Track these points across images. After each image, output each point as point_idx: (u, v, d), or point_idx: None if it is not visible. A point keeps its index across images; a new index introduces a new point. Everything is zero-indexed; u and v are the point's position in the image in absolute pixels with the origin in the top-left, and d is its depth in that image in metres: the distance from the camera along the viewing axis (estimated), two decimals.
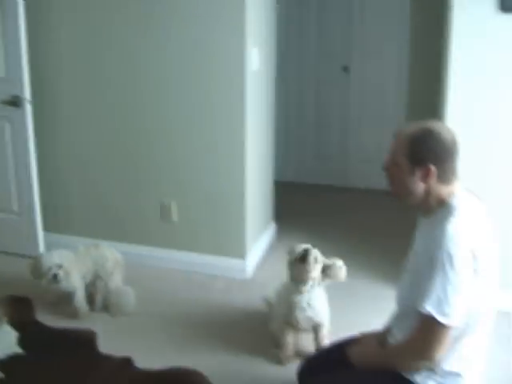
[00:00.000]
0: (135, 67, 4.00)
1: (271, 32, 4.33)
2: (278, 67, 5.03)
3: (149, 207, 4.21)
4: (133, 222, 4.30)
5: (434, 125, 2.29)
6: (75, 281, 3.64)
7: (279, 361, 3.16)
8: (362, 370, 2.49)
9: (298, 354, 3.19)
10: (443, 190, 2.28)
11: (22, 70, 4.02)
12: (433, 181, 2.26)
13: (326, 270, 3.11)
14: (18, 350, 3.25)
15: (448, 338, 2.20)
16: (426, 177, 2.25)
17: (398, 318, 2.43)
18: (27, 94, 4.07)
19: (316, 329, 3.17)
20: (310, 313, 3.09)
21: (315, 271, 3.05)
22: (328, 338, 3.17)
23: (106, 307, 3.72)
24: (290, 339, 3.16)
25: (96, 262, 3.72)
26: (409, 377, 2.33)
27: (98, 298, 3.74)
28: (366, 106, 5.65)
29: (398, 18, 5.37)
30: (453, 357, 2.29)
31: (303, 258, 3.02)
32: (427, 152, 2.24)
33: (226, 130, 3.88)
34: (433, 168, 2.23)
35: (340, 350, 2.65)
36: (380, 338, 2.60)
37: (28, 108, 4.10)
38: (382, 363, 2.41)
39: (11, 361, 3.14)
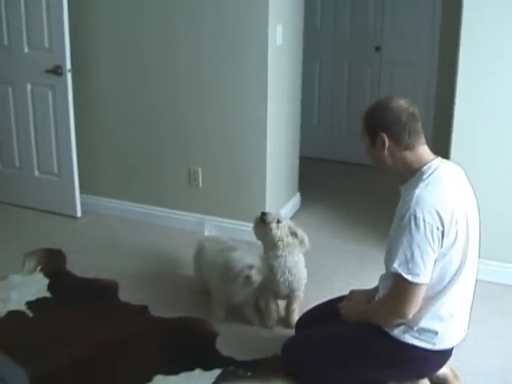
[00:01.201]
0: (168, 40, 4.20)
1: (298, 9, 4.47)
2: (311, 44, 5.18)
3: (177, 172, 4.42)
4: (162, 186, 4.52)
5: (383, 98, 2.50)
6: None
7: (266, 326, 3.25)
8: (349, 323, 2.68)
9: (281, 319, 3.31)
10: (409, 156, 2.44)
11: (64, 41, 4.26)
12: (392, 147, 2.42)
13: (296, 237, 3.17)
14: (48, 294, 3.54)
15: (418, 296, 2.35)
16: (383, 144, 2.43)
17: (383, 277, 2.59)
18: (68, 63, 4.32)
19: (291, 295, 3.22)
20: (288, 277, 3.15)
21: (279, 231, 3.09)
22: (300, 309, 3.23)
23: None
24: (272, 305, 3.25)
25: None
26: (388, 331, 2.50)
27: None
28: (396, 85, 5.71)
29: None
30: (429, 315, 2.44)
31: (262, 218, 3.12)
32: (376, 122, 2.44)
33: (250, 101, 4.07)
34: (384, 135, 2.40)
35: (333, 305, 2.85)
36: (369, 295, 2.77)
37: (69, 77, 4.35)
38: (367, 318, 2.58)
39: (40, 303, 3.45)
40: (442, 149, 3.22)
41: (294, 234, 3.17)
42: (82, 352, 2.96)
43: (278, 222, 3.12)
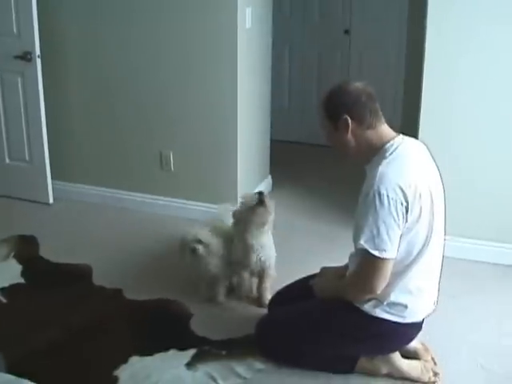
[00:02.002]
0: (137, 23, 4.18)
1: None
2: (280, 29, 5.19)
3: (149, 157, 4.42)
4: (134, 170, 4.52)
5: (339, 83, 2.55)
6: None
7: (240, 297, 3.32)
8: (321, 300, 2.72)
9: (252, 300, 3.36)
10: (371, 135, 2.48)
11: (33, 26, 4.22)
12: (355, 128, 2.47)
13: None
14: (22, 280, 3.53)
15: (385, 271, 2.39)
16: (346, 127, 2.47)
17: (352, 255, 2.63)
18: (38, 49, 4.28)
19: (262, 274, 3.27)
20: (261, 255, 3.19)
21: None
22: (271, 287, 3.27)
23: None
24: (246, 280, 3.32)
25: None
26: (359, 306, 2.55)
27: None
28: (366, 69, 5.75)
29: None
30: (398, 289, 2.49)
31: (261, 201, 3.12)
32: (337, 106, 2.48)
33: (220, 84, 4.07)
34: (347, 117, 2.44)
35: (305, 283, 2.89)
36: (340, 272, 2.80)
37: (38, 63, 4.31)
38: (338, 294, 2.62)
39: (14, 289, 3.44)
40: (410, 130, 3.28)
41: None
42: (57, 336, 2.97)
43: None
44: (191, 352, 2.86)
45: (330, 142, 2.60)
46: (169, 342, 2.94)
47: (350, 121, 2.45)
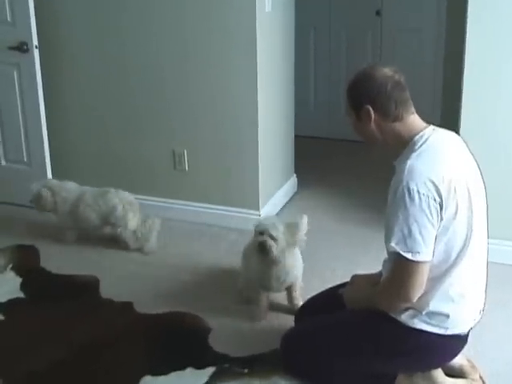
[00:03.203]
0: (149, 10, 4.23)
1: None
2: (304, 9, 5.21)
3: (160, 156, 4.48)
4: (144, 171, 4.58)
5: (366, 68, 2.56)
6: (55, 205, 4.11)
7: (253, 318, 3.32)
8: (352, 310, 2.74)
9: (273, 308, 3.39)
10: (398, 127, 2.50)
11: (29, 14, 4.28)
12: (379, 120, 2.49)
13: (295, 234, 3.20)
14: (21, 294, 3.58)
15: (420, 276, 2.39)
16: (369, 118, 2.50)
17: (386, 260, 2.64)
18: (35, 39, 4.34)
19: (289, 289, 3.33)
20: (283, 278, 3.23)
21: (277, 249, 3.12)
22: (301, 295, 3.34)
23: (137, 248, 4.08)
24: (263, 299, 3.32)
25: (104, 212, 4.05)
26: (395, 316, 2.55)
27: (122, 242, 4.08)
28: (399, 54, 5.76)
29: None
30: (438, 297, 2.49)
31: (261, 249, 3.12)
32: (360, 94, 2.51)
33: (237, 75, 4.11)
34: (369, 107, 2.47)
35: (334, 292, 2.91)
36: (373, 280, 2.81)
37: (36, 54, 4.37)
38: (370, 304, 2.63)
39: (12, 304, 3.50)
40: (450, 123, 3.28)
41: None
42: (61, 355, 3.01)
43: (273, 239, 3.12)
44: (210, 370, 2.89)
45: (355, 132, 2.64)
46: (185, 359, 2.97)
47: (372, 112, 2.47)
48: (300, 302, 3.29)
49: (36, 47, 4.36)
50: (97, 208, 4.05)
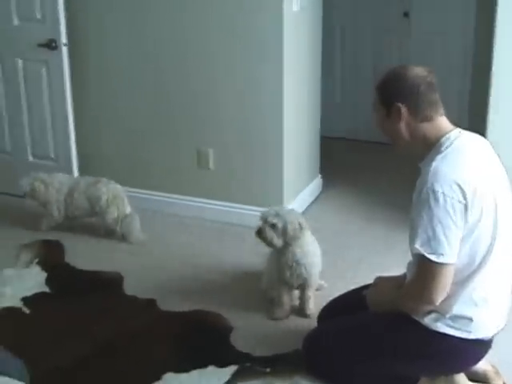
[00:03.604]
0: (176, 9, 4.25)
1: None
2: (331, 10, 5.20)
3: (185, 155, 4.49)
4: (168, 169, 4.59)
5: (398, 67, 2.58)
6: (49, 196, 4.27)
7: (275, 317, 3.33)
8: (375, 312, 2.74)
9: (294, 310, 3.40)
10: (426, 128, 2.50)
11: (58, 11, 4.33)
12: (409, 119, 2.49)
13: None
14: (46, 289, 3.62)
15: (444, 279, 2.39)
16: (399, 116, 2.50)
17: (410, 263, 2.63)
18: (63, 36, 4.39)
19: (303, 286, 3.33)
20: (298, 270, 3.24)
21: (276, 239, 3.17)
22: (314, 295, 3.35)
23: (117, 237, 4.26)
24: (286, 299, 3.34)
25: (91, 200, 4.23)
26: (418, 319, 2.55)
27: (100, 230, 4.29)
28: (427, 56, 5.72)
29: None
30: (461, 300, 2.48)
31: (258, 235, 3.20)
32: (392, 92, 2.51)
33: (263, 74, 4.12)
34: (401, 105, 2.47)
35: (358, 293, 2.90)
36: (397, 282, 2.80)
37: (64, 51, 4.42)
38: (394, 306, 2.63)
39: (37, 298, 3.53)
40: (478, 129, 3.26)
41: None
42: (84, 350, 3.04)
43: (273, 226, 3.16)
44: (231, 369, 2.90)
45: (381, 129, 2.63)
46: (207, 357, 2.98)
47: (403, 110, 2.48)
48: (311, 305, 3.31)
49: (65, 45, 4.41)
50: (88, 195, 4.24)
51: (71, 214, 4.31)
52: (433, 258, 2.35)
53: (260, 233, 3.18)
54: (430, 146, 2.49)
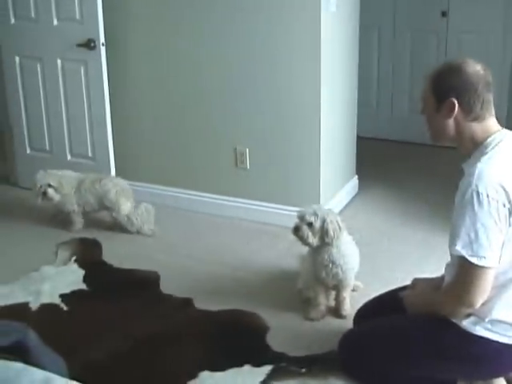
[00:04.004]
0: (212, 8, 4.26)
1: None
2: (368, 10, 5.18)
3: (222, 154, 4.51)
4: (205, 169, 4.61)
5: (457, 60, 2.49)
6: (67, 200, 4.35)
7: (311, 318, 3.33)
8: (413, 314, 2.72)
9: (330, 310, 3.39)
10: (475, 128, 2.45)
11: (97, 12, 4.37)
12: (460, 116, 2.44)
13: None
14: (84, 286, 3.66)
15: (485, 282, 2.36)
16: (450, 111, 2.44)
17: (449, 265, 2.61)
18: (102, 36, 4.43)
19: (339, 286, 3.33)
20: (334, 270, 3.24)
21: (312, 238, 3.16)
22: (349, 296, 3.36)
23: (137, 231, 4.35)
24: (322, 300, 3.33)
25: (99, 196, 4.32)
26: (457, 322, 2.52)
27: (116, 224, 4.38)
28: (465, 55, 5.67)
29: None
30: (501, 305, 2.45)
31: (295, 234, 3.21)
32: (448, 86, 2.44)
33: (300, 74, 4.11)
34: (455, 101, 2.42)
35: (395, 295, 2.89)
36: (434, 284, 2.79)
37: (103, 51, 4.46)
38: (432, 308, 2.61)
39: (75, 295, 3.58)
40: None
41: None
42: (121, 347, 3.08)
43: (310, 224, 3.16)
44: (267, 369, 2.90)
45: (426, 120, 2.58)
46: (243, 356, 2.99)
47: (456, 106, 2.43)
48: (346, 306, 3.32)
49: (103, 44, 4.45)
50: (94, 192, 4.32)
51: (82, 210, 4.40)
52: (474, 260, 2.33)
53: (296, 230, 3.18)
54: (475, 146, 2.45)
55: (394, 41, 6.06)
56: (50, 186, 4.26)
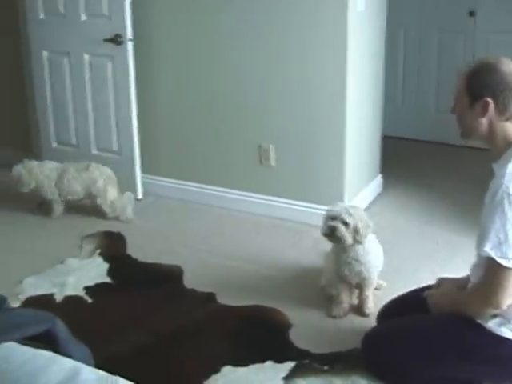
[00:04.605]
0: (239, 5, 4.28)
1: None
2: (394, 10, 5.17)
3: (247, 151, 4.52)
4: (229, 165, 4.63)
5: (492, 58, 2.47)
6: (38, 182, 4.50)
7: (333, 315, 3.33)
8: (437, 314, 2.72)
9: (353, 308, 3.40)
10: (508, 127, 2.45)
11: (125, 7, 4.42)
12: (493, 115, 2.43)
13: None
14: (108, 279, 3.70)
15: None
16: (484, 110, 2.43)
17: (475, 266, 2.61)
18: (129, 32, 4.47)
19: (362, 283, 3.33)
20: (357, 268, 3.23)
21: (348, 237, 3.14)
22: (373, 295, 3.36)
23: (114, 217, 4.50)
24: (345, 297, 3.33)
25: (86, 184, 4.47)
26: (482, 323, 2.52)
27: (103, 211, 4.52)
28: (493, 55, 5.65)
29: None
30: None
31: (331, 234, 3.17)
32: (483, 84, 2.42)
33: (327, 72, 4.11)
34: (490, 100, 2.41)
35: (419, 294, 2.89)
36: (459, 284, 2.78)
37: (130, 46, 4.50)
38: (457, 308, 2.61)
39: (99, 288, 3.61)
40: None
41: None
42: (144, 340, 3.10)
43: (345, 223, 3.14)
44: (289, 365, 2.91)
45: (458, 117, 2.57)
46: (265, 352, 3.01)
47: (491, 105, 2.42)
48: (369, 304, 3.32)
49: (130, 40, 4.48)
50: (80, 180, 4.47)
51: (64, 198, 4.54)
52: (502, 262, 2.33)
53: (333, 230, 3.14)
54: (507, 147, 2.45)
55: (420, 41, 6.03)
56: (24, 169, 4.47)
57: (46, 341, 1.99)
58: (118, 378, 1.75)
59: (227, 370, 2.90)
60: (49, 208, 4.56)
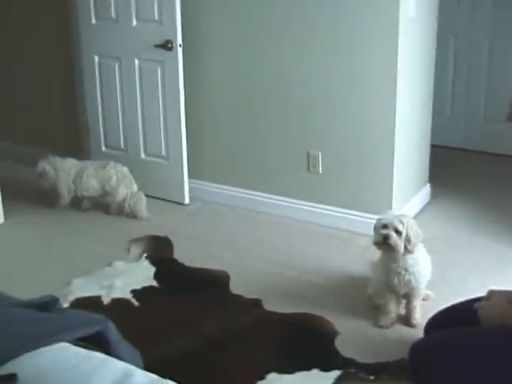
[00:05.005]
0: (287, 13, 4.29)
1: None
2: (445, 17, 5.13)
3: (295, 158, 4.52)
4: (277, 171, 4.63)
5: None
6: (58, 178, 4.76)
7: (380, 325, 3.31)
8: (488, 326, 2.68)
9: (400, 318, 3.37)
10: None
11: (176, 13, 4.45)
12: None
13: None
14: (155, 283, 3.73)
15: None
16: None
17: None
18: (179, 38, 4.51)
19: (410, 293, 3.30)
20: (406, 277, 3.21)
21: (400, 246, 3.12)
22: (420, 305, 3.33)
23: (126, 214, 4.70)
24: (392, 307, 3.31)
25: (102, 181, 4.69)
26: None
27: (112, 209, 4.75)
28: None
29: None
30: None
31: (384, 243, 3.14)
32: None
33: (377, 80, 4.10)
34: None
35: (468, 306, 2.85)
36: (510, 296, 2.74)
37: (179, 52, 4.53)
38: (507, 321, 2.57)
39: (146, 292, 3.65)
40: None
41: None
42: (190, 344, 3.13)
43: (397, 232, 3.13)
44: (335, 373, 2.91)
45: None
46: (311, 360, 3.00)
47: None
48: (417, 315, 3.30)
49: (180, 46, 4.52)
50: (97, 177, 4.71)
51: (80, 194, 4.77)
52: None
53: (386, 239, 3.12)
54: None
55: (470, 49, 5.96)
56: (50, 164, 4.73)
57: (97, 342, 2.01)
58: (169, 381, 1.76)
59: (273, 376, 2.90)
60: (56, 200, 4.82)
